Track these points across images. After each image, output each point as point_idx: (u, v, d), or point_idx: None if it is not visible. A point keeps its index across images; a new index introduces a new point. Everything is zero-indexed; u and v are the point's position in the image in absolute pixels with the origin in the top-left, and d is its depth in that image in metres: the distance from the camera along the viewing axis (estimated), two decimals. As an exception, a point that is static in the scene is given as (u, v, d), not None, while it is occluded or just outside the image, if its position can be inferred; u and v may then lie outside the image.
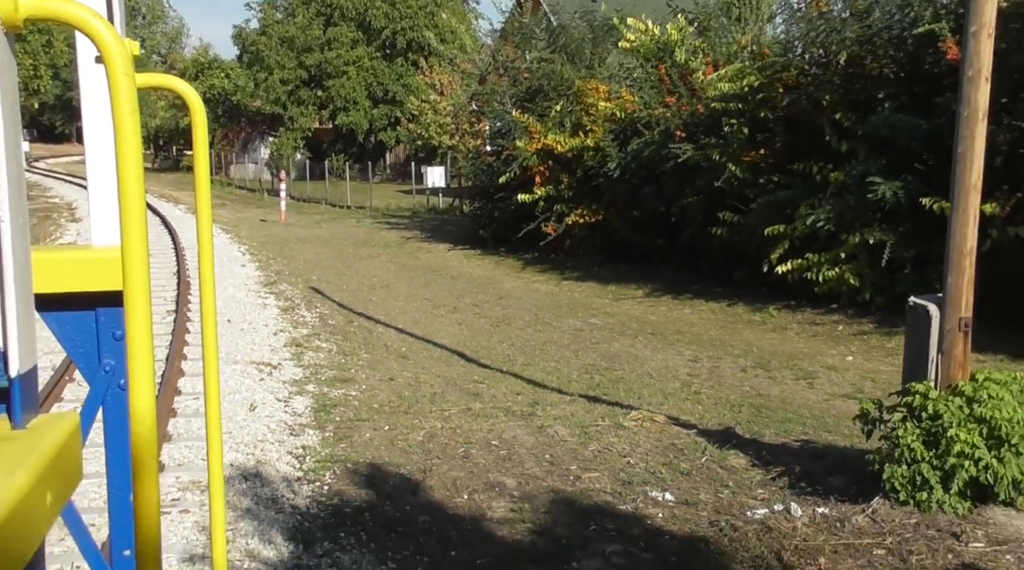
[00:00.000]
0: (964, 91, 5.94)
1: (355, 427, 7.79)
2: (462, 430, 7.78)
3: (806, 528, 5.75)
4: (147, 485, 1.32)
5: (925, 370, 6.10)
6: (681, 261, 16.16)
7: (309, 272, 17.30)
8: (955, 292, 6.03)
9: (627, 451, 7.29)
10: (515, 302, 14.69)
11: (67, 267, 2.02)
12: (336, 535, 5.57)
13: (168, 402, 7.97)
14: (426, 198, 34.62)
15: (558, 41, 20.57)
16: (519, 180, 19.09)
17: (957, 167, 6.17)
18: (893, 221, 11.88)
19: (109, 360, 2.07)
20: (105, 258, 2.01)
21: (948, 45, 10.64)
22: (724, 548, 5.53)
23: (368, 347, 11.09)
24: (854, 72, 12.43)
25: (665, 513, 6.06)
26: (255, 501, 6.02)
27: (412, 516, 5.94)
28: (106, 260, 2.00)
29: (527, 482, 6.59)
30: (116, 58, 1.21)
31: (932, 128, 11.39)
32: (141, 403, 1.31)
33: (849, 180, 12.11)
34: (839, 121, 12.52)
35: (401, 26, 46.24)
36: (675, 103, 15.81)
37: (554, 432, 7.75)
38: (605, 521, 5.91)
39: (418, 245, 22.56)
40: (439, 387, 9.20)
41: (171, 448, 7.01)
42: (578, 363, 10.45)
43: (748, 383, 9.48)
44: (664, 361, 10.54)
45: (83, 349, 2.08)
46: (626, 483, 6.58)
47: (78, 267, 2.02)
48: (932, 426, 5.80)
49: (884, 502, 5.88)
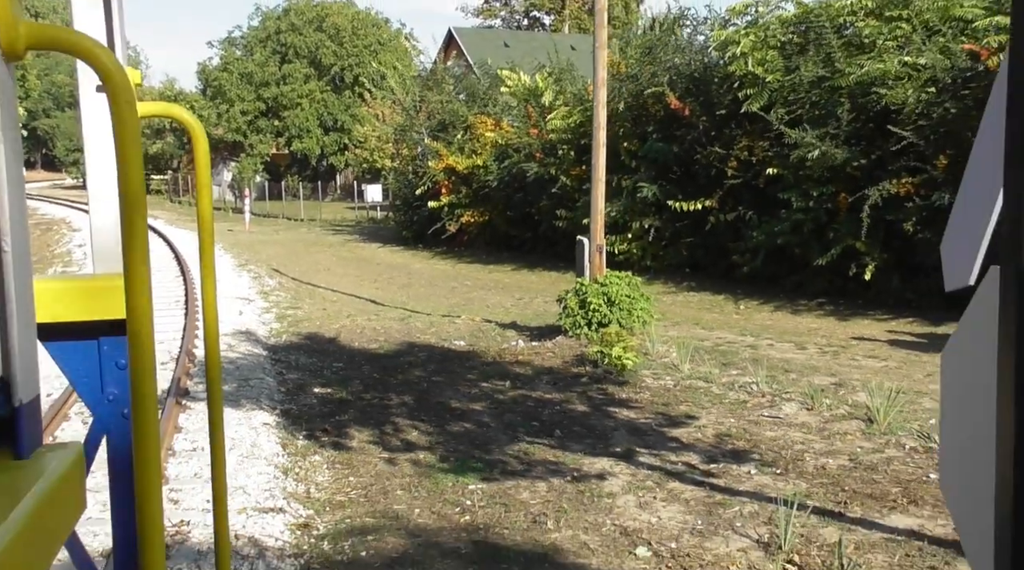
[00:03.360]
0: (595, 124, 12.03)
1: (300, 322, 13.74)
2: (361, 324, 13.74)
3: (522, 348, 11.78)
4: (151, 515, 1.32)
5: (583, 272, 12.18)
6: (543, 247, 22.25)
7: (270, 260, 23.14)
8: (596, 233, 12.11)
9: (452, 330, 13.28)
10: (418, 276, 20.69)
11: (69, 296, 2.02)
12: (288, 351, 11.51)
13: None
14: (366, 212, 40.55)
15: (461, 85, 26.76)
16: (431, 191, 25.16)
17: (594, 165, 12.20)
18: (658, 212, 18.06)
19: (112, 389, 2.07)
20: (107, 287, 2.01)
21: (670, 99, 16.90)
22: (482, 354, 11.50)
23: (310, 297, 16.99)
24: (636, 115, 18.64)
25: (459, 345, 12.05)
26: (249, 341, 11.95)
27: (327, 347, 11.89)
28: (108, 288, 1.99)
29: (390, 338, 12.56)
30: (118, 86, 1.22)
31: (678, 152, 17.61)
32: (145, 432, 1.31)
33: (632, 186, 18.27)
34: (628, 147, 18.67)
35: (348, 63, 52.29)
36: (536, 133, 21.94)
37: (413, 325, 13.73)
38: (424, 347, 11.90)
39: (355, 244, 28.55)
40: (353, 311, 15.13)
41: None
42: (446, 302, 16.44)
43: (542, 307, 15.50)
44: (500, 300, 16.58)
45: (86, 378, 2.08)
46: (443, 339, 12.56)
47: (80, 296, 2.03)
48: (582, 297, 11.85)
49: (561, 337, 11.91)
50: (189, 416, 8.23)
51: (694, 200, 17.09)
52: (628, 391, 9.42)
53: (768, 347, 11.75)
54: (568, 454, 7.32)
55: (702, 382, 9.68)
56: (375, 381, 10.02)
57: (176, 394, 8.55)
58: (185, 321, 12.73)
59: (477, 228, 24.20)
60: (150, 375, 1.31)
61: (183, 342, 11.25)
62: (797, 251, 15.47)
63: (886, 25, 14.60)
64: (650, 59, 18.32)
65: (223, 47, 55.16)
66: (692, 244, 17.80)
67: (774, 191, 15.65)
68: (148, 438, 1.32)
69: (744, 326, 13.51)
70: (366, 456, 7.33)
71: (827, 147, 14.37)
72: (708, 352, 11.24)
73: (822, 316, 14.28)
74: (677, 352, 10.83)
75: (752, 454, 7.27)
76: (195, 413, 8.30)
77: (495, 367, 10.74)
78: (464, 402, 9.07)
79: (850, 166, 14.36)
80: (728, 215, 16.84)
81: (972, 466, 1.95)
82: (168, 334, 12.09)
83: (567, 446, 7.56)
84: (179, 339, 11.68)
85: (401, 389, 9.64)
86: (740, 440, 7.66)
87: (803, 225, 15.18)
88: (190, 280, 16.60)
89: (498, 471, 6.92)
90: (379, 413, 8.67)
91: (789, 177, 15.25)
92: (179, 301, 15.14)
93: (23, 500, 1.01)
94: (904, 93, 13.54)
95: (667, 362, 10.57)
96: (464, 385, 9.82)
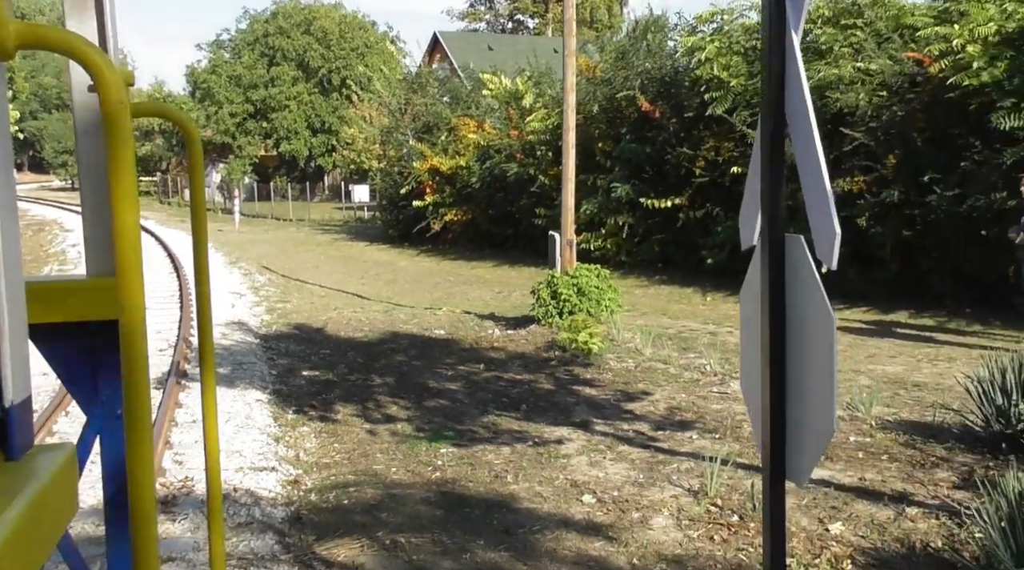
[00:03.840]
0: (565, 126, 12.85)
1: (289, 314, 14.54)
2: (347, 316, 14.54)
3: (498, 335, 12.60)
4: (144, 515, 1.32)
5: (556, 265, 13.01)
6: (523, 244, 23.07)
7: (260, 258, 23.91)
8: (566, 228, 12.94)
9: (433, 321, 14.10)
10: (403, 273, 21.50)
11: (62, 297, 2.01)
12: (278, 339, 12.31)
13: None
14: (354, 212, 41.34)
15: (444, 88, 27.59)
16: (415, 191, 25.98)
17: (564, 165, 13.02)
18: (631, 210, 18.92)
19: (106, 390, 2.06)
20: (100, 287, 2.00)
21: (641, 102, 17.76)
22: (460, 342, 12.31)
23: (299, 292, 17.78)
24: (611, 117, 19.50)
25: (438, 334, 12.86)
26: (242, 330, 12.75)
27: (314, 336, 12.70)
28: (101, 289, 1.99)
29: (374, 328, 13.37)
30: (110, 86, 1.21)
31: (649, 152, 18.47)
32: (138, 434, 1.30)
33: (607, 185, 19.11)
34: (603, 148, 19.52)
35: (335, 66, 53.05)
36: (516, 135, 22.77)
37: (397, 316, 14.54)
38: (406, 336, 12.71)
39: (343, 243, 29.35)
40: (339, 304, 15.92)
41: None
42: (429, 296, 17.26)
43: (519, 300, 16.32)
44: (480, 294, 17.41)
45: (79, 380, 2.07)
46: (424, 328, 13.37)
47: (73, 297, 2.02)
48: (554, 288, 12.67)
49: (535, 325, 12.74)
50: (188, 394, 9.03)
51: (665, 198, 17.95)
52: (592, 372, 10.25)
53: (727, 333, 12.61)
54: (532, 424, 8.15)
55: (661, 364, 10.53)
56: (359, 365, 10.82)
57: (176, 375, 9.34)
58: (180, 313, 13.51)
59: (460, 226, 25.02)
60: (143, 376, 1.30)
61: (179, 331, 12.03)
62: (761, 246, 16.32)
63: (841, 32, 15.48)
64: (623, 64, 19.19)
65: (211, 50, 55.89)
66: (664, 240, 18.65)
67: (739, 189, 16.47)
68: (141, 439, 1.30)
69: (708, 316, 14.37)
70: (349, 427, 8.14)
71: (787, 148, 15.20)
72: (671, 338, 12.08)
73: (782, 307, 15.13)
74: (641, 338, 11.67)
75: (697, 423, 8.11)
76: (194, 391, 9.09)
77: (471, 352, 11.57)
78: (441, 382, 9.89)
79: (809, 165, 15.21)
80: (697, 212, 17.70)
81: (754, 368, 2.84)
82: (165, 325, 12.87)
83: (532, 418, 8.38)
84: (176, 329, 12.46)
85: (383, 372, 10.45)
86: (688, 412, 8.49)
87: (766, 221, 16.03)
88: (183, 276, 17.36)
89: (467, 438, 7.74)
90: (362, 392, 9.48)
91: (752, 176, 16.10)
92: (174, 296, 15.91)
93: (14, 502, 1.01)
94: (857, 97, 14.42)
95: (631, 347, 11.40)
96: (442, 368, 10.64)
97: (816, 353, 2.56)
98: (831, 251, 2.43)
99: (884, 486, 6.22)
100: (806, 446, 2.60)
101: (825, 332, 2.51)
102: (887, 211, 14.07)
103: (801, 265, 2.64)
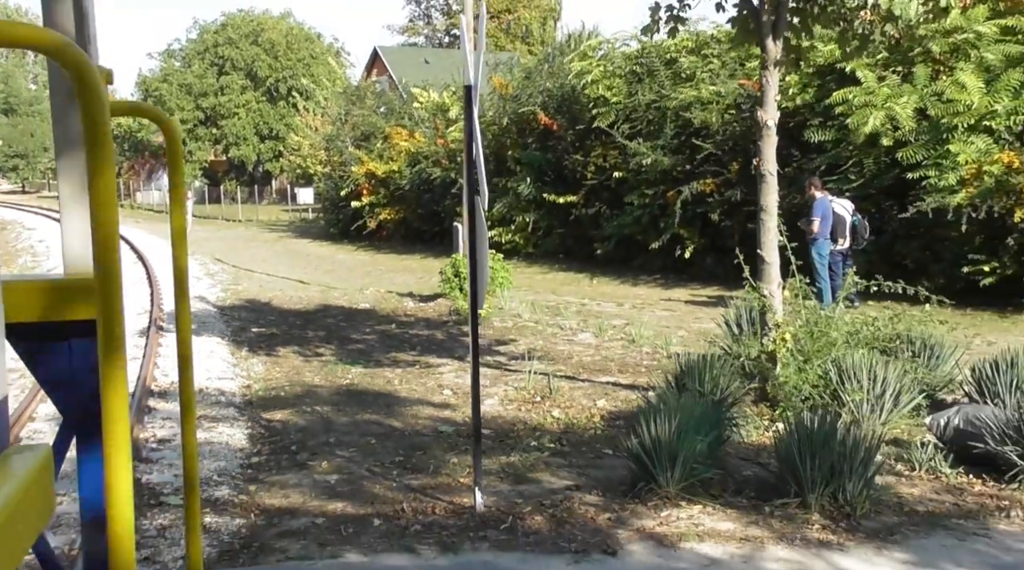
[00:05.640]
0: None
1: (240, 293, 17.44)
2: (290, 295, 17.45)
3: (411, 307, 15.60)
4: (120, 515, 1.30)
5: (459, 250, 16.05)
6: (448, 240, 26.00)
7: (212, 253, 26.65)
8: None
9: (360, 298, 17.05)
10: (341, 264, 24.42)
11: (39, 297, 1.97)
12: (232, 309, 15.21)
13: (154, 285, 17.35)
14: (299, 213, 44.10)
15: (380, 101, 30.61)
16: (354, 193, 28.93)
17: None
18: (536, 208, 22.05)
19: (82, 390, 2.02)
20: (78, 288, 1.97)
21: (541, 117, 20.94)
22: (380, 311, 15.27)
23: (248, 279, 20.61)
24: (520, 128, 22.64)
25: (363, 307, 15.83)
26: (202, 303, 15.63)
27: (262, 308, 15.61)
28: (79, 289, 1.96)
29: (311, 303, 16.31)
30: (89, 85, 1.19)
31: (550, 158, 21.63)
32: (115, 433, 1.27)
33: (515, 186, 22.22)
34: (513, 154, 22.63)
35: (282, 75, 55.74)
36: (442, 143, 25.79)
37: (331, 295, 17.49)
38: (337, 308, 15.67)
39: (288, 241, 32.20)
40: (283, 287, 18.81)
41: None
42: (361, 281, 20.20)
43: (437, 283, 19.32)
44: (404, 279, 20.42)
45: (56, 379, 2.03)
46: (353, 303, 16.32)
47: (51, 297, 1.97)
48: (456, 268, 15.68)
49: (442, 299, 15.73)
50: (164, 338, 11.93)
51: (563, 195, 21.11)
52: (479, 329, 13.30)
53: (595, 305, 15.77)
54: (422, 358, 11.17)
55: (533, 324, 13.62)
56: (297, 325, 13.77)
57: (155, 327, 12.23)
58: (151, 289, 16.33)
59: (393, 224, 28.04)
60: (121, 375, 1.28)
61: (152, 301, 14.86)
62: (639, 238, 19.56)
63: (702, 61, 18.76)
64: (529, 83, 22.36)
65: (163, 58, 58.19)
66: (563, 234, 21.81)
67: (622, 190, 19.73)
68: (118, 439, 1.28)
69: (589, 293, 17.53)
70: (288, 359, 11.10)
71: (657, 156, 18.46)
72: (549, 308, 15.20)
73: (652, 287, 18.38)
74: (523, 307, 14.76)
75: (543, 357, 11.19)
76: (169, 337, 11.98)
77: (388, 318, 14.57)
78: (360, 335, 12.88)
79: (675, 170, 18.49)
80: (589, 210, 20.88)
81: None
82: (140, 299, 15.69)
83: (424, 355, 11.41)
84: (148, 301, 15.28)
85: (316, 329, 13.41)
86: (539, 351, 11.57)
87: (642, 217, 19.27)
88: (148, 263, 20.11)
89: (373, 364, 10.74)
90: (299, 340, 12.44)
91: (631, 179, 19.34)
92: (143, 279, 18.67)
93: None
94: (710, 115, 17.69)
95: (514, 313, 14.49)
96: (363, 328, 13.62)
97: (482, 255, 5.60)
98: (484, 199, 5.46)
99: (641, 383, 9.37)
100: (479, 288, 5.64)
101: (482, 239, 5.55)
102: (732, 208, 17.34)
103: (479, 212, 5.67)
